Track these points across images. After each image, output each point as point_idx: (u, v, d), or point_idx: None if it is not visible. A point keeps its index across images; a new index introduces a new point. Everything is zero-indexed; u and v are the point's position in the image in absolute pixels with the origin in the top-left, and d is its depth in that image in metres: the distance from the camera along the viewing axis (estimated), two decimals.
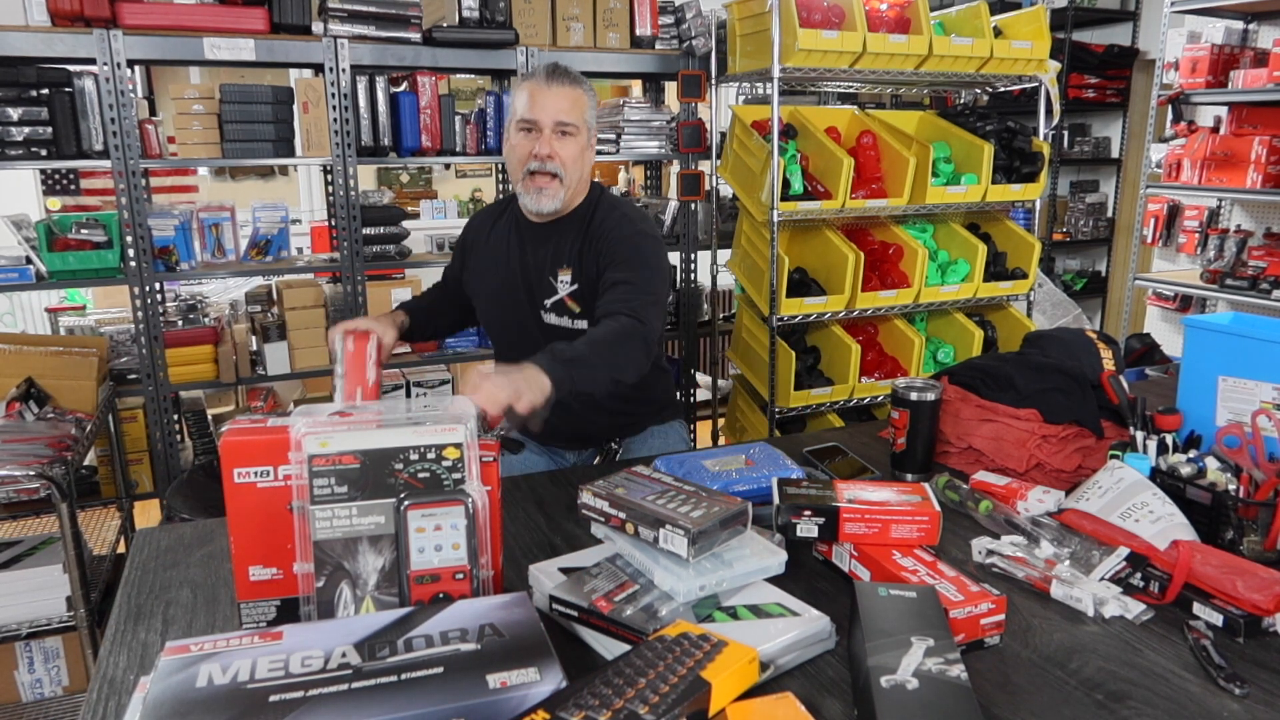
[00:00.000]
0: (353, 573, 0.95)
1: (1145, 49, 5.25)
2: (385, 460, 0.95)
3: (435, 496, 0.95)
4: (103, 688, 0.97)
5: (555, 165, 1.70)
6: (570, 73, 1.73)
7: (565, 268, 1.77)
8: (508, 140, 1.76)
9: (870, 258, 3.04)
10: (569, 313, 1.78)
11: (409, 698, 0.79)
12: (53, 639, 2.41)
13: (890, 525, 1.17)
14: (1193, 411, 1.52)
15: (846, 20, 2.85)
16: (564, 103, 1.69)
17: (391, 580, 0.95)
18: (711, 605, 1.03)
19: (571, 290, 1.77)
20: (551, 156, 1.69)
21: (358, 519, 0.94)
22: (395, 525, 0.94)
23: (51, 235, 2.71)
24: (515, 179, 1.76)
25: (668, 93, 3.58)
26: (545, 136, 1.69)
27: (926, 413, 1.54)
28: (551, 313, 1.79)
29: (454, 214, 5.93)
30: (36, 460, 2.13)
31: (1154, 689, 0.96)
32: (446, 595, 0.95)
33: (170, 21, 2.68)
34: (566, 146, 1.70)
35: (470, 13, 3.01)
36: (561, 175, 1.71)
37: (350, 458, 0.94)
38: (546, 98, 1.69)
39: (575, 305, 1.78)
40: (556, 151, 1.69)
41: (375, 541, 0.95)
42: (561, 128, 1.69)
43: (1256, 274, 3.97)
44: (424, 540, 0.95)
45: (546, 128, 1.69)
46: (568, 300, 1.77)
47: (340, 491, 0.94)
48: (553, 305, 1.79)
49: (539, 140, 1.70)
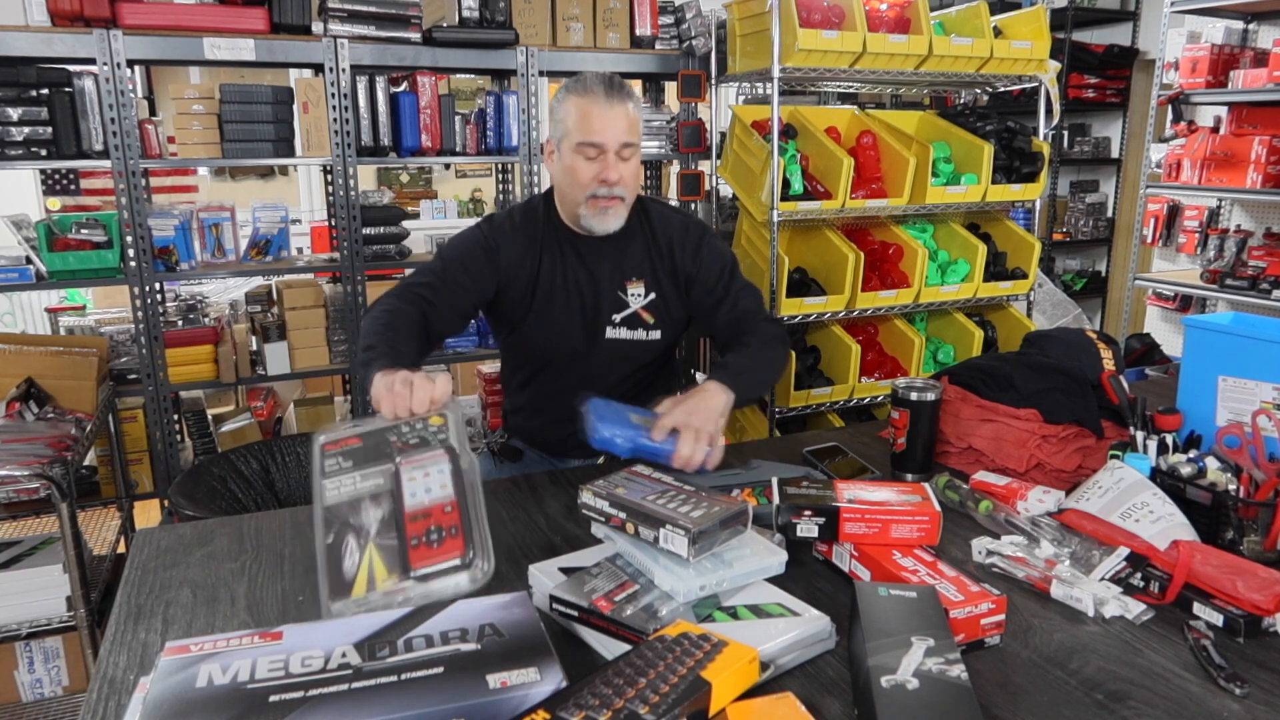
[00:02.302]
0: (356, 526, 1.06)
1: (1145, 49, 5.25)
2: (383, 436, 1.13)
3: (423, 451, 1.12)
4: (103, 688, 0.97)
5: (621, 189, 1.62)
6: (624, 85, 1.62)
7: (636, 280, 1.71)
8: (560, 159, 1.64)
9: (870, 258, 3.04)
10: (642, 325, 1.73)
11: (409, 698, 0.79)
12: (53, 639, 2.41)
13: (890, 525, 1.17)
14: (1193, 411, 1.52)
15: (846, 20, 2.85)
16: (625, 121, 1.59)
17: (389, 526, 1.06)
18: (712, 605, 1.03)
19: (647, 302, 1.72)
20: (620, 181, 1.61)
21: (361, 483, 1.09)
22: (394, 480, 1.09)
23: (51, 235, 2.71)
24: (573, 200, 1.65)
25: (668, 93, 3.58)
26: (611, 161, 1.60)
27: (926, 413, 1.54)
28: (622, 327, 1.72)
29: (454, 214, 5.94)
30: (36, 460, 2.13)
31: (1154, 689, 0.96)
32: (439, 528, 1.07)
33: (170, 21, 2.68)
34: (630, 166, 1.63)
35: (470, 13, 3.01)
36: (625, 196, 1.64)
37: (354, 439, 1.12)
38: (608, 118, 1.58)
39: (650, 317, 1.73)
40: (623, 175, 1.61)
41: (376, 498, 1.08)
42: (624, 149, 1.61)
43: (1256, 274, 3.97)
44: (416, 486, 1.09)
45: (611, 150, 1.59)
46: (642, 313, 1.72)
47: (346, 465, 1.10)
48: (623, 320, 1.72)
49: (605, 164, 1.60)
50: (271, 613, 1.13)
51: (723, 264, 1.75)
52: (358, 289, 3.07)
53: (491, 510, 1.44)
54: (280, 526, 1.39)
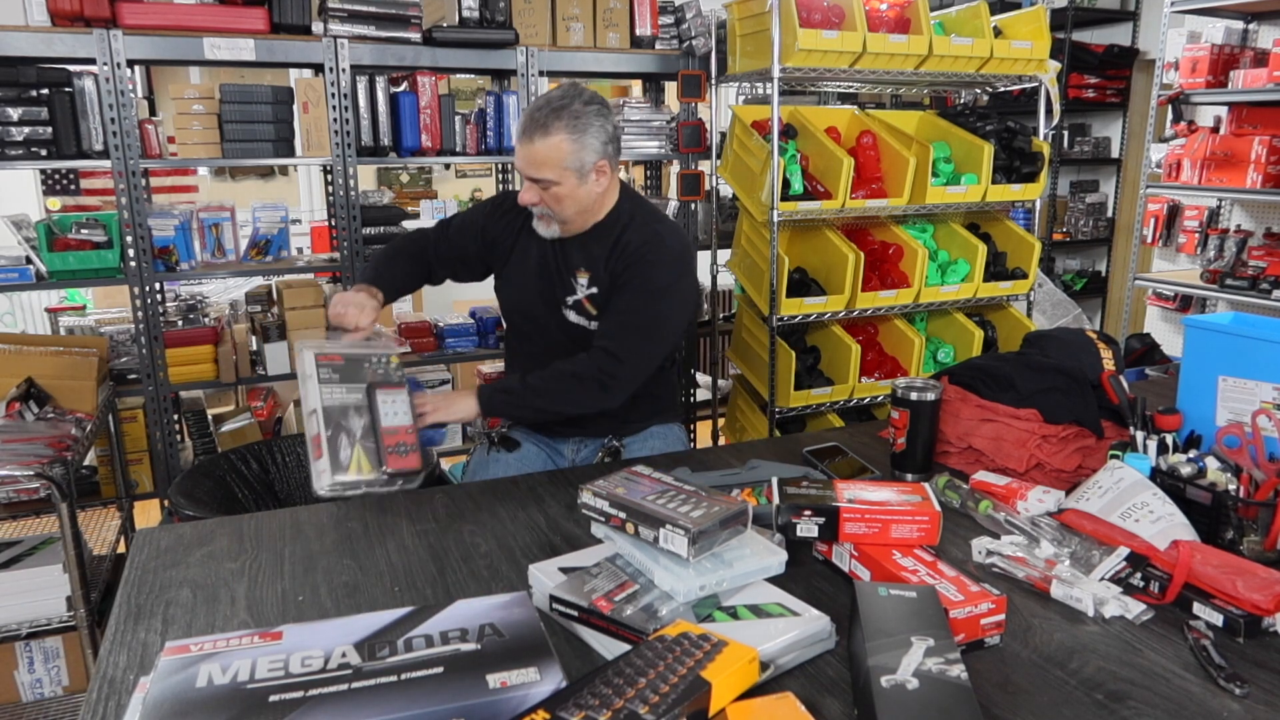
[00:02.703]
0: (347, 429, 1.46)
1: (1145, 49, 5.25)
2: (358, 361, 1.56)
3: (390, 382, 1.56)
4: (103, 688, 0.97)
5: (541, 209, 1.77)
6: (546, 120, 1.68)
7: (584, 271, 1.81)
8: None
9: (870, 258, 3.04)
10: (585, 313, 1.83)
11: (409, 698, 0.79)
12: (53, 639, 2.41)
13: (890, 525, 1.17)
14: (1193, 411, 1.52)
15: (846, 20, 2.85)
16: (530, 158, 1.70)
17: (369, 435, 1.47)
18: (711, 605, 1.03)
19: (589, 294, 1.81)
20: (535, 203, 1.75)
21: (346, 395, 1.49)
22: (369, 401, 1.51)
23: (51, 235, 2.71)
24: None
25: (668, 93, 3.58)
26: (526, 186, 1.75)
27: (926, 413, 1.54)
28: (572, 310, 1.83)
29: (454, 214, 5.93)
30: (36, 460, 2.13)
31: (1154, 689, 0.96)
32: (404, 444, 1.49)
33: (170, 21, 2.68)
34: (547, 195, 1.73)
35: (470, 13, 3.01)
36: (551, 214, 1.77)
37: (338, 357, 1.55)
38: (519, 151, 1.72)
39: (591, 308, 1.82)
40: (541, 198, 1.74)
41: (359, 409, 1.49)
42: (537, 184, 1.72)
43: (1256, 274, 3.97)
44: (388, 409, 1.51)
45: (526, 179, 1.74)
46: (585, 302, 1.82)
47: (334, 377, 1.51)
48: (573, 304, 1.83)
49: (522, 188, 1.76)
50: (271, 613, 1.13)
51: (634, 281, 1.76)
52: None
53: (491, 510, 1.45)
54: (280, 526, 1.39)
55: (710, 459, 1.68)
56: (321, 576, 1.22)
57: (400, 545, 1.32)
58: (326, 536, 1.35)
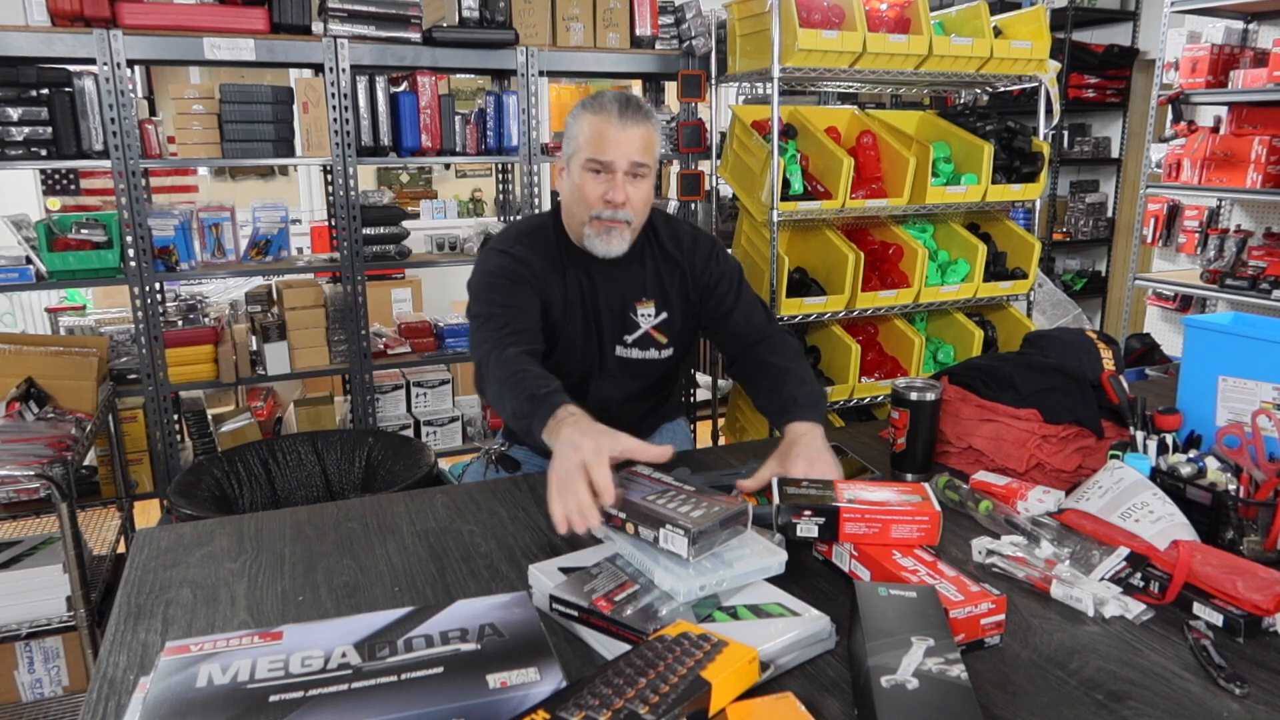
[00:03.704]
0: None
1: (1145, 49, 5.25)
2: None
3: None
4: (103, 688, 0.97)
5: (627, 212, 1.58)
6: (642, 106, 1.57)
7: (647, 300, 1.69)
8: (569, 176, 1.62)
9: (870, 258, 3.04)
10: (654, 344, 1.72)
11: (409, 698, 0.79)
12: (53, 639, 2.41)
13: (890, 525, 1.17)
14: (1193, 411, 1.51)
15: (846, 20, 2.85)
16: (638, 142, 1.55)
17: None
18: (711, 605, 1.03)
19: (658, 322, 1.70)
20: (625, 203, 1.56)
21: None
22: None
23: (51, 235, 2.71)
24: (578, 219, 1.62)
25: (668, 93, 3.59)
26: (618, 181, 1.56)
27: (926, 413, 1.54)
28: (634, 348, 1.71)
29: (454, 214, 5.93)
30: (36, 460, 2.13)
31: (1154, 689, 0.96)
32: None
33: (170, 21, 2.68)
34: (639, 189, 1.58)
35: (470, 13, 3.01)
36: (632, 220, 1.60)
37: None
38: (620, 137, 1.54)
39: (662, 336, 1.71)
40: (630, 196, 1.57)
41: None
42: (636, 169, 1.57)
43: (1256, 274, 3.97)
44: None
45: (620, 170, 1.55)
46: (653, 333, 1.71)
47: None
48: (635, 340, 1.70)
49: (612, 185, 1.55)
50: (271, 613, 1.13)
51: (734, 274, 1.75)
52: (358, 289, 3.07)
53: (491, 510, 1.45)
54: (280, 526, 1.39)
55: (710, 459, 1.68)
56: (321, 576, 1.22)
57: (400, 545, 1.32)
58: (326, 536, 1.35)
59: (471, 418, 3.56)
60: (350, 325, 3.10)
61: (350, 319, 3.09)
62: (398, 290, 4.83)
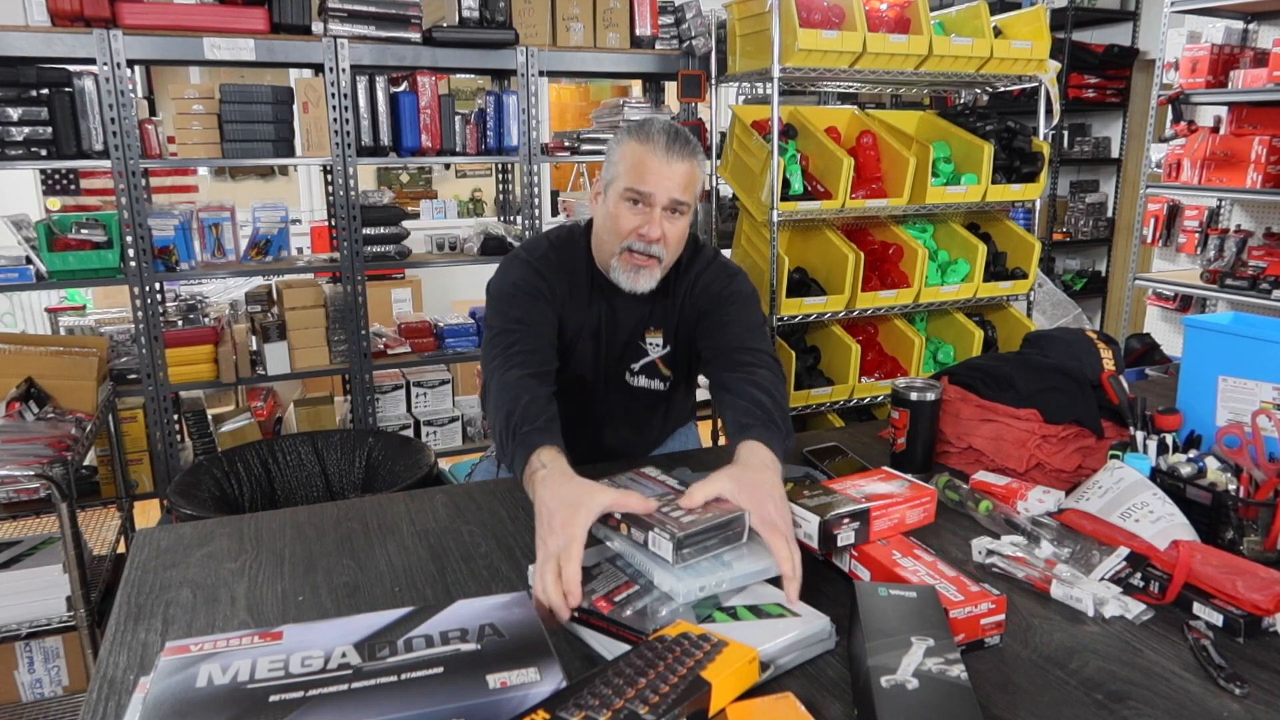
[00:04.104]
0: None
1: (1145, 49, 5.25)
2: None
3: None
4: (103, 688, 0.97)
5: (660, 249, 1.53)
6: (690, 140, 1.53)
7: (655, 329, 1.67)
8: (605, 204, 1.56)
9: (870, 258, 3.04)
10: (659, 375, 1.70)
11: (409, 698, 0.79)
12: (53, 639, 2.41)
13: (905, 513, 1.20)
14: (1193, 411, 1.52)
15: (846, 20, 2.85)
16: (681, 178, 1.50)
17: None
18: (711, 606, 1.03)
19: (663, 354, 1.69)
20: (660, 239, 1.52)
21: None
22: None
23: (51, 235, 2.71)
24: (608, 249, 1.57)
25: (668, 93, 3.58)
26: (656, 216, 1.50)
27: (926, 413, 1.54)
28: (640, 375, 1.70)
29: (454, 214, 5.93)
30: (36, 460, 2.13)
31: (1154, 689, 0.96)
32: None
33: (170, 21, 2.68)
34: (675, 226, 1.53)
35: (470, 13, 3.01)
36: (663, 258, 1.54)
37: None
38: (665, 171, 1.49)
39: (665, 369, 1.70)
40: (666, 233, 1.52)
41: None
42: (675, 205, 1.52)
43: (1256, 274, 3.97)
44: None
45: (659, 205, 1.50)
46: (658, 363, 1.69)
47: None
48: (641, 369, 1.69)
49: (649, 219, 1.50)
50: (271, 613, 1.13)
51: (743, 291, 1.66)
52: (358, 289, 3.07)
53: (491, 510, 1.45)
54: (280, 526, 1.39)
55: (710, 459, 1.68)
56: (321, 576, 1.22)
57: (400, 545, 1.32)
58: (326, 536, 1.35)
59: (471, 418, 3.56)
60: (350, 325, 3.10)
61: (350, 319, 3.10)
62: (398, 290, 4.83)
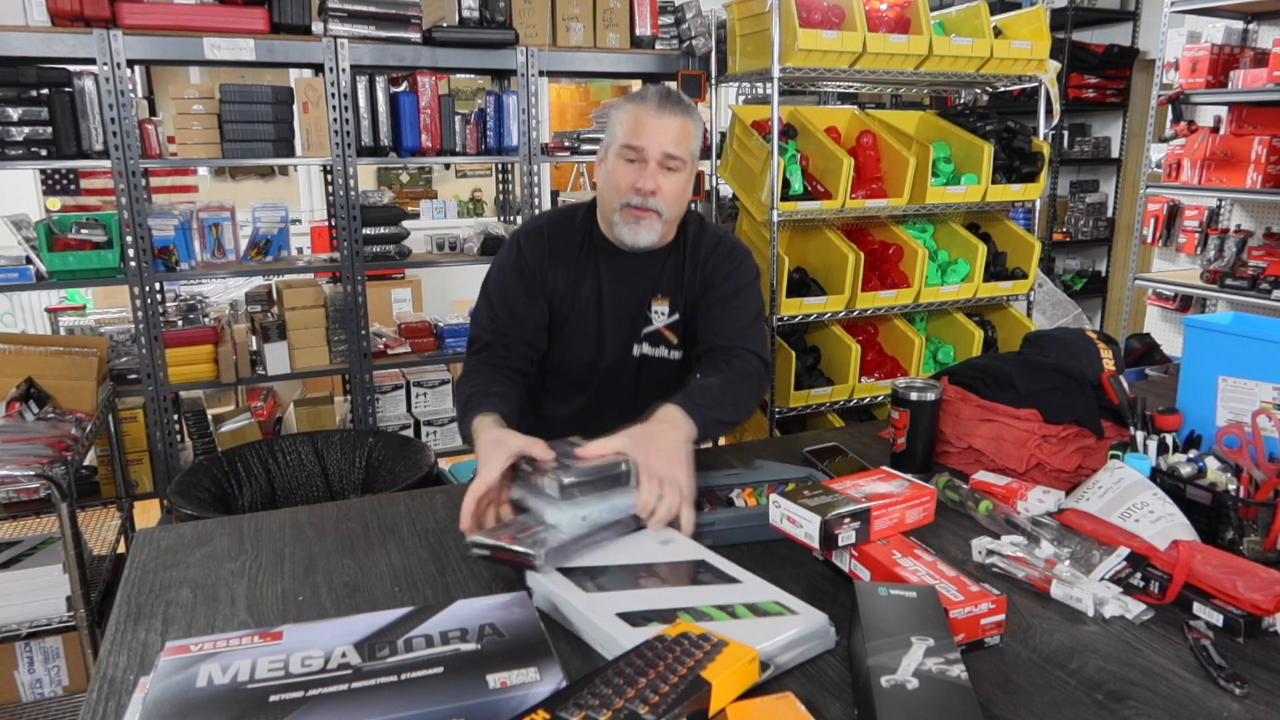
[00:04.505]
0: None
1: (1145, 49, 5.25)
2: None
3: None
4: (103, 688, 0.97)
5: (657, 202, 1.58)
6: (682, 100, 1.59)
7: (662, 298, 1.69)
8: (603, 164, 1.64)
9: (870, 258, 3.04)
10: (665, 343, 1.71)
11: (409, 698, 0.79)
12: (53, 639, 2.41)
13: (905, 512, 1.21)
14: (1193, 411, 1.51)
15: (846, 20, 2.85)
16: (673, 133, 1.56)
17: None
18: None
19: (670, 321, 1.70)
20: (655, 192, 1.57)
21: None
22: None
23: (51, 235, 2.71)
24: (609, 207, 1.63)
25: None
26: (650, 169, 1.57)
27: (926, 413, 1.54)
28: (645, 343, 1.71)
29: (454, 214, 5.93)
30: (36, 460, 2.13)
31: (1154, 689, 0.96)
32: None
33: (170, 21, 2.68)
34: (671, 181, 1.59)
35: (470, 13, 3.01)
36: (662, 211, 1.59)
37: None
38: (656, 126, 1.56)
39: (673, 336, 1.71)
40: (661, 186, 1.57)
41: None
42: (669, 161, 1.57)
43: (1256, 274, 3.97)
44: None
45: (653, 159, 1.57)
46: (665, 331, 1.70)
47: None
48: (647, 336, 1.70)
49: (644, 173, 1.57)
50: (271, 613, 1.13)
51: (743, 277, 1.70)
52: (358, 289, 3.07)
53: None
54: (280, 526, 1.39)
55: (710, 459, 1.68)
56: (321, 576, 1.22)
57: (400, 545, 1.32)
58: (326, 536, 1.35)
59: None
60: (350, 325, 3.10)
61: (350, 319, 3.10)
62: (398, 290, 4.83)
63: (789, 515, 1.19)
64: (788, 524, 1.20)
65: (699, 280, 1.69)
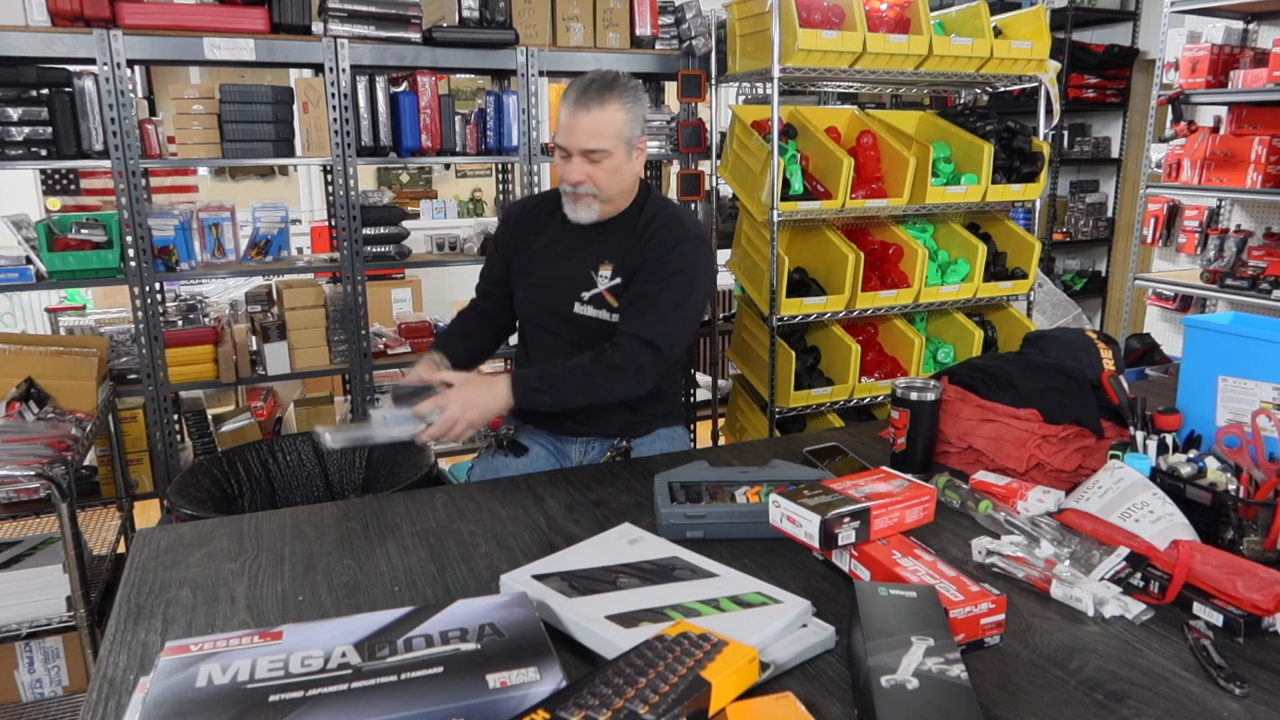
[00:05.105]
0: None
1: (1145, 49, 5.25)
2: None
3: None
4: (103, 688, 0.97)
5: (588, 187, 1.73)
6: (600, 91, 1.70)
7: (607, 263, 1.80)
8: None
9: (870, 258, 3.04)
10: (606, 306, 1.81)
11: (409, 698, 0.79)
12: (53, 639, 2.41)
13: (905, 512, 1.20)
14: (1193, 411, 1.52)
15: (846, 20, 2.85)
16: (589, 127, 1.68)
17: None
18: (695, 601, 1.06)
19: (612, 285, 1.80)
20: (581, 181, 1.72)
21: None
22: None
23: (51, 235, 2.71)
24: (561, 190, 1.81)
25: (668, 93, 3.58)
26: (575, 163, 1.71)
27: (926, 413, 1.54)
28: (589, 305, 1.82)
29: (454, 214, 5.93)
30: (36, 460, 2.13)
31: (1154, 689, 0.96)
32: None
33: (170, 21, 2.68)
34: (597, 170, 1.72)
35: (470, 13, 3.01)
36: (596, 194, 1.75)
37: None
38: (571, 126, 1.70)
39: (613, 300, 1.80)
40: (588, 175, 1.72)
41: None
42: (589, 155, 1.70)
43: (1256, 274, 3.97)
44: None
45: (574, 154, 1.71)
46: (606, 294, 1.80)
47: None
48: (590, 298, 1.81)
49: (568, 166, 1.72)
50: (271, 613, 1.13)
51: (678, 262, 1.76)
52: (358, 289, 3.07)
53: (491, 510, 1.45)
54: (280, 526, 1.39)
55: (709, 459, 1.68)
56: (321, 576, 1.22)
57: (400, 545, 1.32)
58: (326, 536, 1.35)
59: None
60: (350, 325, 3.10)
61: (350, 319, 3.10)
62: (398, 290, 4.83)
63: (789, 515, 1.19)
64: (788, 524, 1.20)
65: (636, 251, 1.79)
